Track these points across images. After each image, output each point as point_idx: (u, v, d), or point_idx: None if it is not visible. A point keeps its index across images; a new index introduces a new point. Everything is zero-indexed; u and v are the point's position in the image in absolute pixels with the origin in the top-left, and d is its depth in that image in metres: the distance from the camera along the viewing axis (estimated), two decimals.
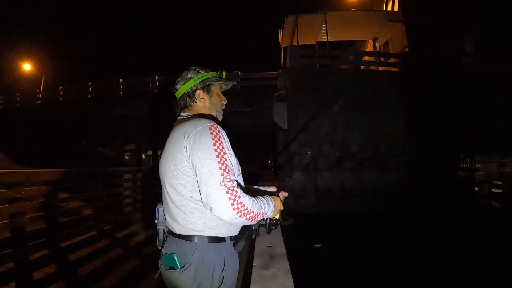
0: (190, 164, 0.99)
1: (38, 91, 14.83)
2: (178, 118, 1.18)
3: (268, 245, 1.73)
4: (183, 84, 1.18)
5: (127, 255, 3.45)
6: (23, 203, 3.10)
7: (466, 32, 9.68)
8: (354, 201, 7.61)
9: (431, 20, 9.37)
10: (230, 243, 1.11)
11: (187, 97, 1.17)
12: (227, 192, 0.91)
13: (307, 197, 7.62)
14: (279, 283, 1.32)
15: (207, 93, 1.19)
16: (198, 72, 1.19)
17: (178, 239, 1.05)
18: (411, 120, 7.75)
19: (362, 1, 13.49)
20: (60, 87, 13.35)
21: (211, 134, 0.98)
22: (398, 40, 11.03)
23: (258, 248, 1.68)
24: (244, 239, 1.13)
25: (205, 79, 1.18)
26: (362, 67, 9.34)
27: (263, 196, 1.07)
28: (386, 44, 12.15)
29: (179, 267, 1.01)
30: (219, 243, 1.05)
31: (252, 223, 1.01)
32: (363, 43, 13.62)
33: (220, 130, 1.01)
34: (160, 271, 1.10)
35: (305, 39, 11.54)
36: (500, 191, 7.46)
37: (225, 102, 1.26)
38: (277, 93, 8.78)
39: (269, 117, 8.60)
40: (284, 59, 10.95)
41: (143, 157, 17.26)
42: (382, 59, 10.20)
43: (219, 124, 1.06)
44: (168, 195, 1.07)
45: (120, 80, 11.76)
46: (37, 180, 3.55)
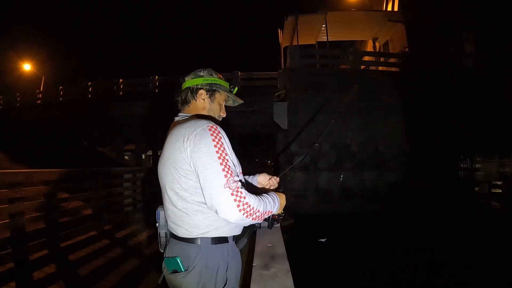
0: (191, 167, 0.97)
1: (38, 91, 14.82)
2: (176, 118, 1.16)
3: (268, 245, 1.73)
4: (192, 78, 1.18)
5: (127, 255, 3.45)
6: (23, 203, 3.10)
7: (466, 32, 9.68)
8: (354, 201, 7.61)
9: (431, 20, 9.37)
10: (233, 243, 1.10)
11: (189, 91, 1.17)
12: (231, 194, 0.90)
13: (307, 197, 7.62)
14: (279, 283, 1.31)
15: (209, 96, 1.18)
16: (211, 75, 1.19)
17: (181, 242, 1.04)
18: (411, 120, 7.75)
19: (362, 1, 13.49)
20: (60, 87, 13.34)
21: (211, 135, 0.96)
22: (398, 40, 11.02)
23: (258, 248, 1.67)
24: (246, 237, 1.13)
25: (213, 83, 1.18)
26: (362, 67, 9.34)
27: (267, 193, 1.06)
28: (386, 44, 12.15)
29: (183, 270, 1.00)
30: (222, 244, 1.05)
31: (259, 222, 1.00)
32: (363, 43, 13.62)
33: (220, 130, 1.00)
34: (164, 275, 1.09)
35: (305, 39, 11.53)
36: (500, 191, 7.46)
37: (223, 115, 1.25)
38: (277, 93, 8.78)
39: (269, 117, 8.60)
40: (284, 59, 10.94)
41: (143, 157, 17.25)
42: (382, 59, 10.20)
43: (218, 124, 1.04)
44: (170, 199, 1.05)
45: (120, 80, 11.77)
46: (37, 180, 3.56)
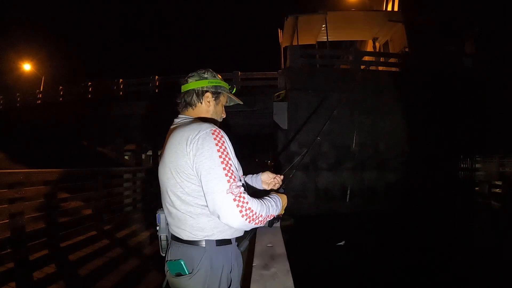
0: (194, 171, 0.95)
1: (38, 91, 14.82)
2: (176, 120, 1.14)
3: (268, 245, 1.73)
4: (196, 80, 1.16)
5: (127, 255, 3.45)
6: (23, 203, 3.10)
7: (466, 32, 9.69)
8: (354, 201, 7.61)
9: (431, 20, 9.38)
10: (235, 244, 1.11)
11: (194, 94, 1.15)
12: (234, 200, 0.89)
13: (307, 197, 7.62)
14: (279, 283, 1.32)
15: (214, 99, 1.18)
16: (215, 76, 1.19)
17: (185, 245, 1.03)
18: (411, 120, 7.75)
19: (362, 1, 13.49)
20: (60, 87, 13.34)
21: (215, 139, 0.95)
22: (398, 40, 11.02)
23: (258, 248, 1.68)
24: (247, 239, 1.13)
25: (218, 85, 1.18)
26: (362, 67, 9.34)
27: (269, 196, 1.05)
28: (386, 44, 12.15)
29: (187, 273, 0.99)
30: (226, 246, 1.05)
31: (261, 225, 0.99)
32: (363, 43, 13.62)
33: (223, 134, 0.99)
34: (167, 279, 1.08)
35: (305, 39, 11.53)
36: (500, 191, 7.47)
37: (224, 116, 1.25)
38: (277, 93, 8.79)
39: (269, 117, 8.60)
40: (284, 59, 10.94)
41: (143, 157, 17.25)
42: (382, 59, 10.19)
43: (220, 126, 1.05)
44: (172, 202, 1.03)
45: (120, 80, 11.76)
46: (37, 180, 3.55)
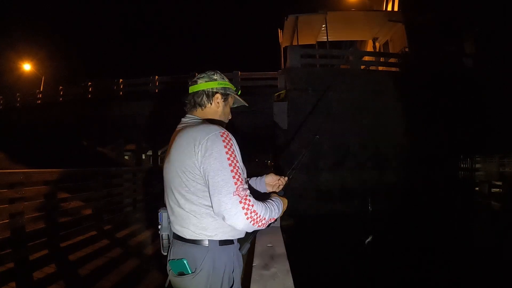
0: (201, 171, 0.97)
1: (38, 91, 14.82)
2: (184, 120, 1.15)
3: (268, 245, 1.73)
4: (206, 81, 1.17)
5: (127, 255, 3.45)
6: (23, 203, 3.10)
7: (466, 32, 9.68)
8: (354, 201, 7.61)
9: (431, 20, 9.37)
10: (237, 245, 1.12)
11: (204, 95, 1.16)
12: (240, 202, 0.90)
13: (307, 197, 7.62)
14: (279, 283, 1.32)
15: (224, 100, 1.19)
16: (223, 78, 1.20)
17: (188, 244, 1.03)
18: (411, 120, 7.75)
19: (362, 1, 13.49)
20: (60, 87, 13.34)
21: (223, 141, 0.96)
22: (398, 40, 11.03)
23: (258, 248, 1.67)
24: (249, 242, 1.14)
25: (227, 87, 1.19)
26: (362, 67, 9.34)
27: (271, 199, 1.06)
28: (386, 44, 12.15)
29: (190, 272, 0.99)
30: (228, 246, 1.06)
31: (263, 228, 1.00)
32: (363, 43, 13.62)
33: (231, 137, 1.00)
34: (169, 278, 1.08)
35: (305, 39, 11.54)
36: (500, 191, 7.47)
37: (230, 117, 1.27)
38: (277, 93, 8.79)
39: (269, 117, 8.60)
40: (284, 59, 10.94)
41: (143, 157, 17.24)
42: (382, 59, 10.20)
43: (227, 127, 1.06)
44: (177, 201, 1.04)
45: (120, 80, 11.77)
46: (37, 180, 3.55)
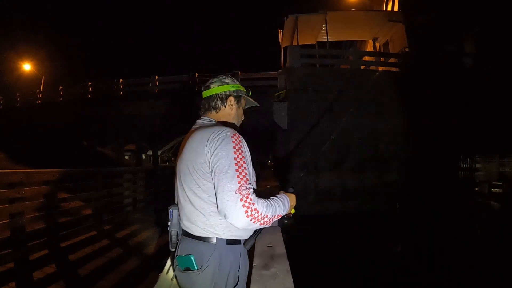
0: (210, 169, 1.00)
1: (38, 91, 14.83)
2: (199, 121, 1.20)
3: (268, 245, 1.73)
4: (218, 85, 1.22)
5: (127, 255, 3.44)
6: (23, 203, 3.10)
7: (466, 32, 9.68)
8: (354, 201, 7.61)
9: (431, 20, 9.37)
10: (243, 245, 1.13)
11: (218, 98, 1.21)
12: (241, 200, 0.92)
13: (307, 197, 7.62)
14: (279, 283, 1.32)
15: (236, 102, 1.25)
16: (234, 81, 1.26)
17: (196, 241, 1.06)
18: (411, 120, 7.75)
19: (362, 1, 13.49)
20: (60, 87, 13.35)
21: (233, 142, 1.01)
22: (398, 40, 11.02)
23: (258, 248, 1.67)
24: (253, 238, 1.16)
25: (239, 90, 1.26)
26: (362, 67, 9.33)
27: (277, 196, 1.08)
28: (386, 44, 12.14)
29: (196, 268, 1.02)
30: (235, 245, 1.08)
31: (267, 226, 1.01)
32: (363, 43, 13.62)
33: (241, 139, 1.04)
34: (175, 274, 1.11)
35: (305, 39, 11.53)
36: (500, 191, 7.46)
37: (243, 119, 1.33)
38: (277, 93, 8.79)
39: (269, 117, 8.60)
40: (284, 59, 10.94)
41: (143, 157, 17.25)
42: (382, 59, 10.18)
43: (240, 129, 1.10)
44: (188, 198, 1.07)
45: (120, 80, 11.77)
46: (37, 180, 3.55)
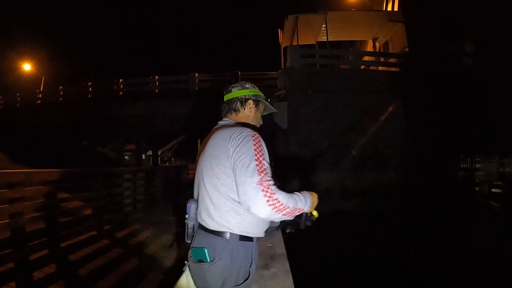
0: (231, 165, 1.08)
1: (38, 91, 14.83)
2: (220, 122, 1.31)
3: (268, 245, 1.73)
4: (239, 90, 1.33)
5: (127, 255, 3.44)
6: (23, 203, 3.10)
7: (466, 32, 9.68)
8: (354, 201, 7.60)
9: (431, 20, 9.37)
10: (256, 244, 1.19)
11: (238, 101, 1.32)
12: (262, 190, 0.99)
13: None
14: (279, 283, 1.32)
15: (255, 106, 1.35)
16: (254, 87, 1.37)
17: (210, 234, 1.13)
18: (411, 120, 7.75)
19: (362, 1, 13.49)
20: (60, 87, 13.35)
21: (253, 141, 1.09)
22: (398, 40, 11.02)
23: (258, 248, 1.67)
24: (276, 229, 1.21)
25: (258, 95, 1.36)
26: (362, 67, 9.34)
27: (299, 192, 1.13)
28: (386, 44, 12.14)
29: (208, 261, 1.08)
30: (247, 242, 1.14)
31: (289, 218, 1.06)
32: (363, 43, 13.62)
33: (261, 139, 1.13)
34: (188, 264, 1.19)
35: (305, 39, 11.53)
36: (500, 191, 7.46)
37: (261, 123, 1.41)
38: (277, 93, 8.79)
39: (269, 117, 8.59)
40: (284, 59, 10.94)
41: (143, 157, 17.25)
42: (382, 59, 10.20)
43: (258, 131, 1.16)
44: (207, 193, 1.14)
45: (120, 80, 11.77)
46: (37, 180, 3.55)
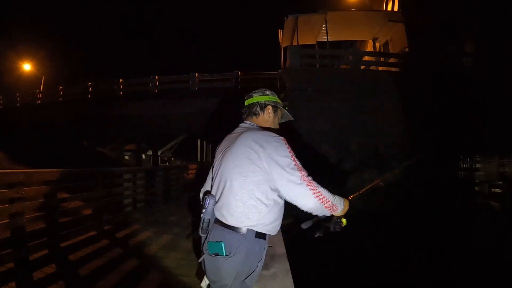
0: (263, 166, 1.16)
1: (38, 91, 14.85)
2: (243, 125, 1.40)
3: (268, 245, 1.73)
4: (259, 95, 1.44)
5: (127, 255, 3.44)
6: (23, 203, 3.10)
7: (466, 32, 9.68)
8: (354, 201, 7.58)
9: (431, 20, 9.37)
10: (267, 241, 1.26)
11: (258, 106, 1.42)
12: (307, 185, 1.13)
13: None
14: (279, 283, 1.33)
15: (273, 111, 1.44)
16: (274, 94, 1.47)
17: (227, 229, 1.18)
18: (411, 120, 7.75)
19: (362, 1, 13.49)
20: (60, 87, 13.36)
21: (285, 144, 1.20)
22: (398, 40, 11.02)
23: None
24: (312, 221, 1.31)
25: (277, 102, 1.46)
26: (362, 67, 9.34)
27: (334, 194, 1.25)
28: (386, 44, 12.14)
29: (224, 255, 1.14)
30: (261, 239, 1.20)
31: (328, 212, 1.21)
32: (363, 43, 13.62)
33: (289, 144, 1.23)
34: (203, 257, 1.24)
35: (305, 39, 11.53)
36: (500, 191, 7.46)
37: (278, 128, 1.49)
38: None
39: None
40: (284, 59, 10.94)
41: (143, 157, 17.26)
42: (382, 59, 10.20)
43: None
44: (231, 189, 1.20)
45: (120, 80, 11.78)
46: (37, 180, 3.55)
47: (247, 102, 1.44)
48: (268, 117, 1.43)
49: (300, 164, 1.17)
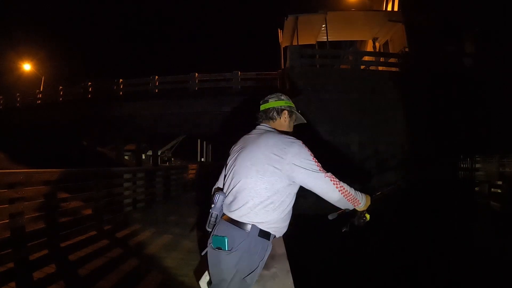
0: (285, 168, 1.22)
1: (38, 91, 14.83)
2: (260, 127, 1.45)
3: None
4: (275, 100, 1.48)
5: (127, 255, 3.44)
6: (23, 203, 3.10)
7: (467, 32, 9.68)
8: None
9: (431, 20, 9.37)
10: (271, 243, 1.28)
11: (274, 111, 1.46)
12: (330, 180, 1.23)
13: (307, 197, 7.59)
14: (279, 283, 1.33)
15: (289, 116, 1.49)
16: (289, 99, 1.51)
17: (232, 225, 1.22)
18: (411, 120, 7.75)
19: (362, 1, 13.48)
20: (60, 87, 13.34)
21: (305, 148, 1.28)
22: (398, 40, 11.02)
23: None
24: (337, 213, 1.42)
25: (292, 107, 1.50)
26: (362, 67, 9.33)
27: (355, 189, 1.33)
28: (386, 44, 12.14)
29: (226, 249, 1.17)
30: (265, 239, 1.23)
31: (350, 206, 1.31)
32: (363, 43, 13.61)
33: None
34: (207, 249, 1.27)
35: (305, 39, 11.52)
36: (500, 191, 7.45)
37: (292, 131, 1.54)
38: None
39: None
40: (284, 59, 10.94)
41: (143, 157, 17.26)
42: (382, 59, 10.19)
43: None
44: (245, 187, 1.24)
45: (120, 80, 11.76)
46: (37, 180, 3.55)
47: (263, 107, 1.48)
48: (284, 121, 1.47)
49: (320, 163, 1.27)
